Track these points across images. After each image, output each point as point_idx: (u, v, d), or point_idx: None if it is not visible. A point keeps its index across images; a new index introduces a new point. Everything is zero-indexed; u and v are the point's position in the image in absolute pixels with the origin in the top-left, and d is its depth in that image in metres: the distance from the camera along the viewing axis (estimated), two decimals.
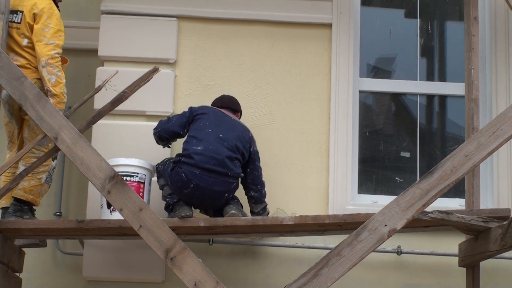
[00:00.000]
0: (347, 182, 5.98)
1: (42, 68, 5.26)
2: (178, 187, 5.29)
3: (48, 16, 5.35)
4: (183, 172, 5.24)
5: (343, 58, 6.16)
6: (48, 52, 5.28)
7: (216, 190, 5.27)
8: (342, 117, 6.07)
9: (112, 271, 5.77)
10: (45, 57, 5.27)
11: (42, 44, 5.30)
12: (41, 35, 5.31)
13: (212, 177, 5.25)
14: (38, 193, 5.35)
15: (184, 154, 5.31)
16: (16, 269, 5.30)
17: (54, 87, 5.24)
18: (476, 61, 5.55)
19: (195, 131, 5.39)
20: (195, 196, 5.27)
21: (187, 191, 5.26)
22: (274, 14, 6.20)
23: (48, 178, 5.38)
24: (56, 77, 5.27)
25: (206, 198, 5.30)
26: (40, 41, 5.31)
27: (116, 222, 5.13)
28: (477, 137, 4.48)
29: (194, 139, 5.35)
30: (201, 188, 5.24)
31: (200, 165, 5.24)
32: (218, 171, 5.25)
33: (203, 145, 5.29)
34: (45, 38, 5.31)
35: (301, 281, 4.31)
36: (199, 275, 4.36)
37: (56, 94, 5.24)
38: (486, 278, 5.58)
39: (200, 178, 5.23)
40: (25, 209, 5.34)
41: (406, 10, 6.59)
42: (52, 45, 5.30)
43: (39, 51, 5.29)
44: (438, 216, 4.82)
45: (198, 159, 5.24)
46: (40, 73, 5.28)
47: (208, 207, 5.42)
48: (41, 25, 5.33)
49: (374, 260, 5.71)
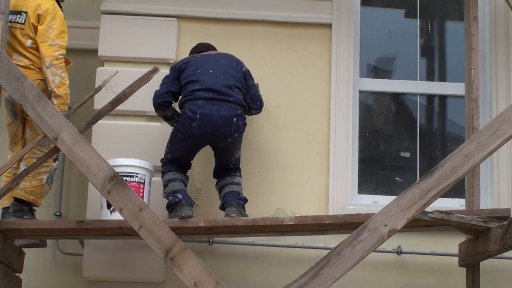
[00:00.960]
0: (347, 182, 5.98)
1: (46, 69, 5.27)
2: (186, 128, 5.34)
3: (52, 17, 5.36)
4: (187, 110, 5.35)
5: (343, 58, 6.16)
6: (53, 53, 5.29)
7: (222, 115, 5.34)
8: (342, 117, 6.07)
9: (112, 271, 5.77)
10: (49, 58, 5.27)
11: (46, 45, 5.30)
12: (45, 36, 5.32)
13: (215, 104, 5.35)
14: (39, 194, 5.36)
15: (183, 98, 5.43)
16: (16, 269, 5.30)
17: (58, 88, 5.25)
18: (476, 61, 5.55)
19: (186, 79, 5.49)
20: (203, 126, 5.31)
21: (195, 123, 5.31)
22: (274, 14, 6.20)
23: (49, 179, 5.38)
24: (60, 78, 5.28)
25: (216, 126, 5.33)
26: (45, 42, 5.31)
27: (116, 222, 5.13)
28: (477, 137, 4.48)
29: (188, 84, 5.46)
30: (208, 115, 5.31)
31: (201, 96, 5.37)
32: (220, 99, 5.38)
33: (199, 84, 5.42)
34: (49, 39, 5.31)
35: (301, 281, 4.31)
36: (199, 275, 4.36)
37: (60, 95, 5.25)
38: (486, 278, 5.58)
39: (203, 107, 5.33)
40: (25, 209, 5.34)
41: (406, 10, 6.59)
42: (56, 46, 5.31)
43: (43, 52, 5.30)
44: (438, 216, 4.82)
45: (197, 94, 5.38)
46: (44, 74, 5.29)
47: (220, 137, 5.38)
48: (45, 26, 5.34)
49: (374, 260, 5.71)
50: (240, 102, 5.46)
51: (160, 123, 5.98)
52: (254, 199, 5.67)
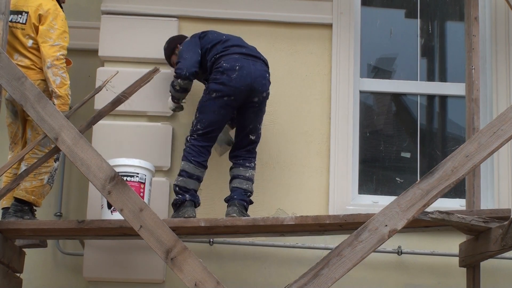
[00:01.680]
0: (348, 183, 5.98)
1: (47, 69, 5.27)
2: (224, 82, 5.39)
3: (53, 18, 5.35)
4: (224, 64, 5.43)
5: (344, 58, 6.16)
6: (54, 53, 5.29)
7: (259, 68, 5.52)
8: (343, 117, 6.07)
9: (113, 272, 5.77)
10: (50, 58, 5.27)
11: (47, 46, 5.30)
12: (47, 36, 5.32)
13: (250, 59, 5.52)
14: (40, 194, 5.35)
15: (217, 55, 5.50)
16: (17, 270, 5.30)
17: (59, 89, 5.25)
18: (477, 61, 5.55)
19: (211, 42, 5.63)
20: (244, 77, 5.40)
21: (235, 75, 5.39)
22: (274, 14, 6.20)
23: (50, 179, 5.38)
24: (61, 78, 5.27)
25: (255, 77, 5.45)
26: (46, 42, 5.31)
27: (117, 223, 5.12)
28: (478, 137, 4.48)
29: (216, 44, 5.59)
30: (246, 67, 5.44)
31: (237, 51, 5.51)
32: (253, 55, 5.56)
33: (230, 42, 5.59)
34: (51, 40, 5.31)
35: (301, 281, 4.31)
36: (200, 276, 4.36)
37: (61, 96, 5.24)
38: (486, 278, 5.58)
39: (241, 60, 5.47)
40: (26, 209, 5.34)
41: (406, 10, 6.59)
42: (57, 46, 5.31)
43: (45, 52, 5.29)
44: (439, 217, 4.82)
45: (232, 49, 5.53)
46: (45, 74, 5.28)
47: (258, 89, 5.46)
48: (47, 26, 5.33)
49: (374, 260, 5.71)
50: (267, 64, 5.64)
51: (161, 123, 5.98)
52: (255, 199, 5.66)
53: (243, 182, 5.49)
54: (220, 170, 5.79)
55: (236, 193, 5.45)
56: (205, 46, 5.60)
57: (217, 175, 5.86)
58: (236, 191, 5.46)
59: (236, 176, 5.51)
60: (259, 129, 5.61)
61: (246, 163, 5.55)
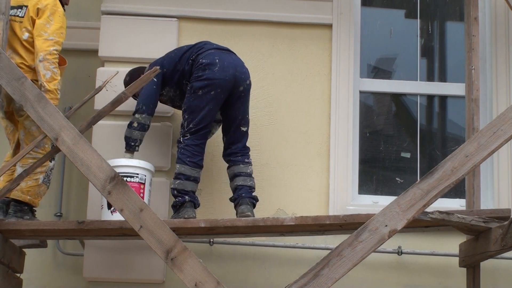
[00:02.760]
0: (348, 183, 5.98)
1: (39, 63, 5.22)
2: (208, 77, 5.38)
3: (51, 13, 5.34)
4: (203, 60, 5.43)
5: (344, 59, 6.16)
6: (47, 47, 5.25)
7: (236, 59, 5.57)
8: (343, 117, 6.07)
9: (113, 272, 5.77)
10: (43, 52, 5.24)
11: (42, 39, 5.27)
12: (42, 30, 5.29)
13: (225, 52, 5.56)
14: (36, 194, 5.33)
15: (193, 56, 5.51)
16: (17, 270, 5.30)
17: (48, 83, 5.20)
18: (477, 61, 5.55)
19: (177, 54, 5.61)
20: (225, 68, 5.42)
21: (216, 68, 5.40)
22: (274, 15, 6.20)
23: (45, 179, 5.36)
24: (52, 73, 5.23)
25: (236, 67, 5.48)
26: (41, 36, 5.28)
27: (117, 223, 5.12)
28: (478, 137, 4.48)
29: (185, 52, 5.60)
30: (225, 59, 5.47)
31: (210, 47, 5.55)
32: (225, 48, 5.62)
33: (197, 45, 5.61)
34: (46, 34, 5.28)
35: (301, 281, 4.31)
36: (200, 276, 4.36)
37: (50, 90, 5.19)
38: (486, 278, 5.58)
39: (218, 53, 5.51)
40: (26, 209, 5.33)
41: (406, 11, 6.59)
42: (51, 41, 5.28)
43: (38, 45, 5.26)
44: (439, 217, 4.82)
45: (205, 47, 5.56)
46: (36, 68, 5.23)
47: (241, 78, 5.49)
48: (43, 20, 5.31)
49: (374, 261, 5.71)
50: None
51: (161, 123, 5.98)
52: None
53: (247, 179, 5.48)
54: (219, 170, 5.80)
55: (243, 190, 5.44)
56: (173, 62, 5.56)
57: (217, 175, 5.86)
58: (242, 189, 5.45)
59: (238, 174, 5.50)
60: (248, 120, 5.61)
61: (245, 159, 5.54)
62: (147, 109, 5.48)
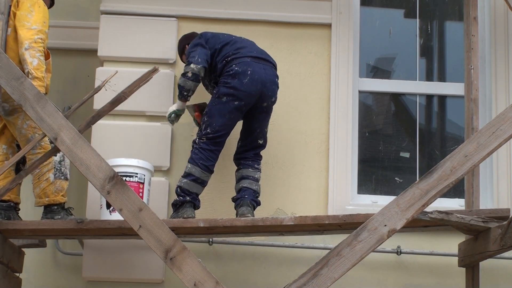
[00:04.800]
0: (347, 182, 5.99)
1: (25, 51, 5.15)
2: (235, 86, 5.37)
3: (31, 4, 5.27)
4: (235, 67, 5.40)
5: (343, 58, 6.16)
6: (32, 36, 5.19)
7: (269, 73, 5.53)
8: (342, 117, 6.07)
9: (112, 271, 5.77)
10: (28, 40, 5.17)
11: (25, 29, 5.20)
12: (24, 20, 5.22)
13: (261, 63, 5.51)
14: (54, 192, 5.28)
15: (228, 58, 5.47)
16: (16, 269, 5.30)
17: (36, 70, 5.12)
18: (476, 61, 5.55)
19: (220, 43, 5.59)
20: (255, 82, 5.39)
21: (246, 80, 5.37)
22: (274, 14, 6.21)
23: (57, 174, 5.33)
24: (39, 60, 5.16)
25: (265, 82, 5.45)
26: (23, 26, 5.21)
27: (116, 223, 5.13)
28: (477, 137, 4.48)
29: (226, 45, 5.56)
30: (258, 72, 5.43)
31: (248, 54, 5.48)
32: (263, 58, 5.56)
33: (239, 44, 5.58)
34: (28, 23, 5.21)
35: (300, 281, 4.31)
36: (199, 275, 4.36)
37: (37, 77, 5.11)
38: (485, 278, 5.58)
39: (253, 64, 5.45)
40: (55, 209, 5.30)
41: (405, 10, 6.59)
42: (35, 30, 5.21)
43: (22, 35, 5.19)
44: (438, 216, 4.82)
45: (243, 52, 5.51)
46: (21, 57, 5.16)
47: (268, 94, 5.49)
48: (24, 11, 5.24)
49: (373, 260, 5.71)
50: (276, 67, 5.64)
51: (160, 123, 5.98)
52: None
53: (253, 183, 5.48)
54: (219, 170, 5.79)
55: (247, 193, 5.44)
56: (214, 46, 5.57)
57: (217, 175, 5.85)
58: (246, 191, 5.44)
59: (246, 176, 5.50)
60: (266, 132, 5.62)
61: (255, 165, 5.56)
62: (202, 61, 5.47)
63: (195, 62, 5.44)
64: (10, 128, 5.33)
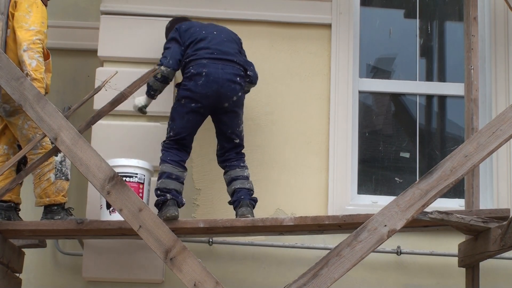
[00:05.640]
0: (347, 183, 5.98)
1: (23, 53, 5.15)
2: (191, 89, 5.34)
3: (29, 5, 5.26)
4: (191, 69, 5.37)
5: (343, 58, 6.16)
6: (30, 37, 5.18)
7: (227, 72, 5.40)
8: (342, 117, 6.07)
9: (112, 272, 5.77)
10: (26, 41, 5.17)
11: (23, 30, 5.19)
12: (22, 21, 5.22)
13: (220, 63, 5.40)
14: (55, 193, 5.27)
15: (187, 59, 5.44)
16: (16, 270, 5.30)
17: (35, 72, 5.12)
18: (476, 61, 5.55)
19: (189, 38, 5.52)
20: (210, 83, 5.32)
21: (201, 81, 5.32)
22: (274, 15, 6.20)
23: (58, 174, 5.33)
24: (37, 62, 5.16)
25: (222, 83, 5.35)
26: (21, 27, 5.21)
27: (116, 223, 5.13)
28: (477, 137, 4.48)
29: (192, 44, 5.49)
30: (213, 73, 5.35)
31: (205, 56, 5.41)
32: (224, 58, 5.45)
33: (203, 43, 5.47)
34: (26, 24, 5.20)
35: (300, 281, 4.31)
36: (199, 276, 4.36)
37: (36, 79, 5.10)
38: (485, 278, 5.58)
39: (209, 65, 5.37)
40: (55, 209, 5.30)
41: (405, 10, 6.59)
42: (33, 31, 5.21)
43: (21, 36, 5.18)
44: (438, 217, 4.82)
45: (201, 53, 5.43)
46: (20, 58, 5.16)
47: (226, 95, 5.39)
48: (22, 12, 5.23)
49: (373, 261, 5.71)
50: (243, 65, 5.53)
51: (160, 123, 5.98)
52: None
53: (245, 182, 5.46)
54: (218, 170, 5.78)
55: (242, 193, 5.41)
56: (184, 42, 5.54)
57: (216, 176, 5.85)
58: (241, 191, 5.41)
59: (236, 177, 5.47)
60: (240, 131, 5.54)
61: (240, 163, 5.52)
62: (173, 64, 5.47)
63: (165, 64, 5.47)
64: (11, 129, 5.34)
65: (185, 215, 5.66)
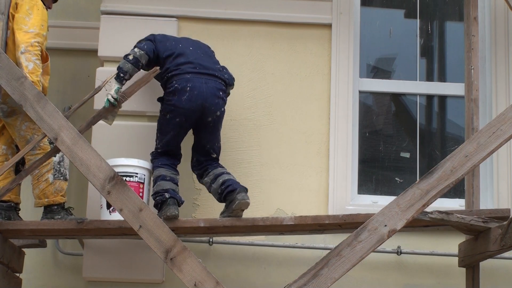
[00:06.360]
0: (347, 183, 5.98)
1: (21, 55, 5.14)
2: (175, 104, 5.32)
3: (30, 7, 5.27)
4: (175, 84, 5.34)
5: (343, 58, 6.16)
6: (28, 39, 5.17)
7: (211, 86, 5.40)
8: (342, 117, 6.07)
9: (112, 272, 5.77)
10: (24, 44, 5.16)
11: (22, 32, 5.19)
12: (22, 23, 5.22)
13: (204, 78, 5.40)
14: (53, 193, 5.28)
15: (169, 74, 5.40)
16: (16, 270, 5.30)
17: (31, 74, 5.09)
18: (476, 61, 5.55)
19: (166, 51, 5.49)
20: (194, 97, 5.32)
21: (185, 96, 5.31)
22: (274, 14, 6.20)
23: (56, 174, 5.33)
24: (34, 64, 5.14)
25: (206, 97, 5.35)
26: (21, 29, 5.21)
27: (116, 223, 5.13)
28: (477, 137, 4.48)
29: (170, 57, 5.46)
30: (198, 87, 5.35)
31: (188, 70, 5.39)
32: (206, 73, 5.43)
33: (183, 58, 5.46)
34: (26, 26, 5.20)
35: (301, 281, 4.31)
36: (199, 276, 4.36)
37: (32, 81, 5.08)
38: (486, 278, 5.58)
39: (193, 80, 5.36)
40: (55, 209, 5.31)
41: (406, 10, 6.59)
42: (32, 33, 5.20)
43: (19, 38, 5.18)
44: (438, 217, 4.82)
45: (184, 68, 5.40)
46: (17, 60, 5.14)
47: (210, 109, 5.38)
48: (22, 14, 5.24)
49: (374, 260, 5.71)
50: (224, 79, 5.53)
51: None
52: (254, 199, 5.66)
53: (230, 175, 5.43)
54: None
55: (232, 181, 5.36)
56: (161, 52, 5.49)
57: None
58: (230, 180, 5.36)
59: (220, 173, 5.42)
60: (218, 147, 5.54)
61: (218, 166, 5.51)
62: (148, 49, 5.43)
63: (139, 47, 5.43)
64: (9, 130, 5.33)
65: (185, 215, 5.65)
